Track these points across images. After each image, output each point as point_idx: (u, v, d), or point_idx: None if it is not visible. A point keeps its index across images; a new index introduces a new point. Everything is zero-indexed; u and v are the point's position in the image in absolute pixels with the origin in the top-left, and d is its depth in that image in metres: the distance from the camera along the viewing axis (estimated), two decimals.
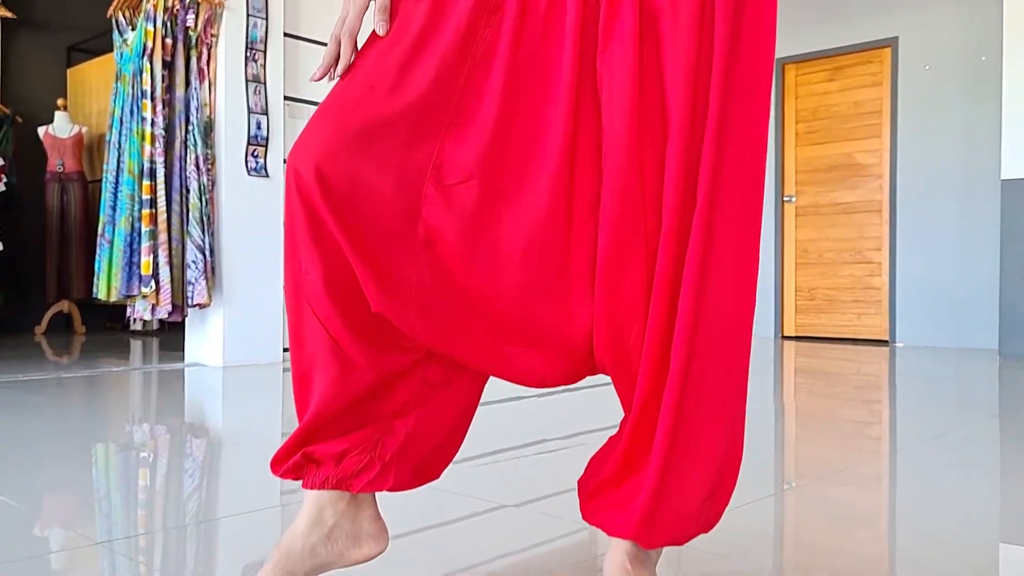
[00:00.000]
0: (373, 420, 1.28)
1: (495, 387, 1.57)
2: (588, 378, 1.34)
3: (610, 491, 1.29)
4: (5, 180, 6.60)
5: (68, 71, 8.22)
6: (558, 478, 2.24)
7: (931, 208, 6.90)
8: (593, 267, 1.23)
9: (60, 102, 7.51)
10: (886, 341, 7.16)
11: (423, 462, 1.32)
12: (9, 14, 7.68)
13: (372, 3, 1.28)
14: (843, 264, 7.38)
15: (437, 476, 1.38)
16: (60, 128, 7.43)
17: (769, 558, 1.62)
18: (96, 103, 7.74)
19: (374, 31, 1.26)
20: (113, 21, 5.04)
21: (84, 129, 7.56)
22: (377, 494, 1.32)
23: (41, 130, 7.43)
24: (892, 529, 1.82)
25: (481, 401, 1.38)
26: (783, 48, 7.62)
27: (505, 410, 3.26)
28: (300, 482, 1.28)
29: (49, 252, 7.43)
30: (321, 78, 1.26)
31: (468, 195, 1.21)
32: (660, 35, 1.19)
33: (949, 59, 6.82)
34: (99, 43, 7.82)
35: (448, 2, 1.24)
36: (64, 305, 7.50)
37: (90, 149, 7.73)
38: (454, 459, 1.39)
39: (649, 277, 1.20)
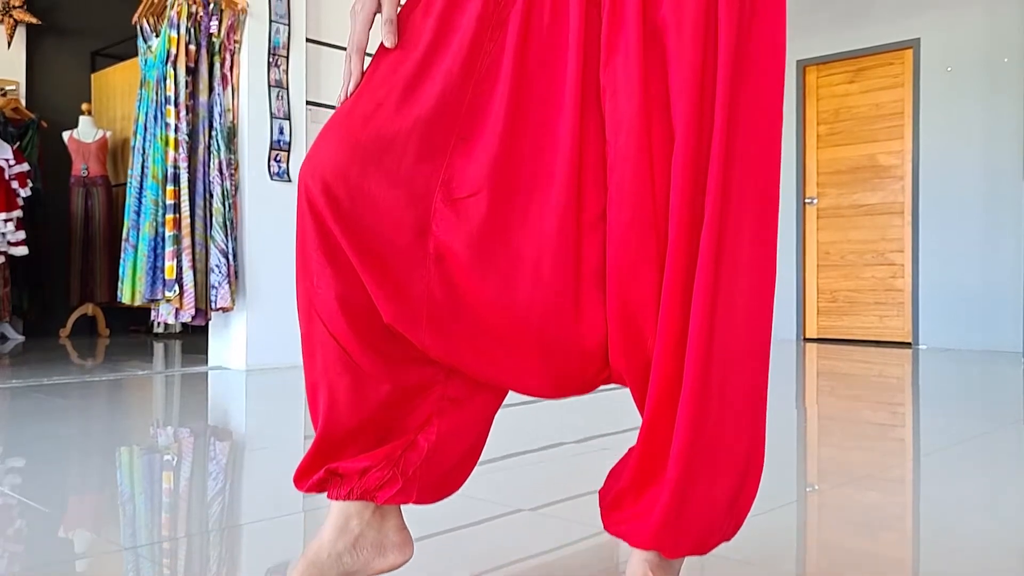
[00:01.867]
0: (397, 435, 1.29)
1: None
2: None
3: (629, 501, 1.29)
4: (31, 185, 6.66)
5: (92, 76, 8.29)
6: (574, 482, 2.25)
7: (954, 210, 6.87)
8: (602, 277, 1.24)
9: (84, 107, 7.59)
10: (909, 343, 7.12)
11: (445, 475, 1.34)
12: (34, 20, 7.77)
13: (379, 15, 1.29)
14: (865, 266, 7.35)
15: (457, 489, 1.40)
16: (84, 133, 7.51)
17: (792, 564, 1.62)
18: (120, 108, 7.82)
19: (382, 43, 1.27)
20: (137, 28, 5.09)
21: (108, 133, 7.64)
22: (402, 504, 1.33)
23: (66, 135, 7.51)
24: (916, 535, 1.82)
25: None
26: (804, 50, 7.60)
27: (521, 413, 3.27)
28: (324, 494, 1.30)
29: (73, 255, 7.51)
30: (347, 98, 1.28)
31: (477, 209, 1.22)
32: (665, 49, 1.19)
33: (971, 61, 6.78)
34: (123, 48, 7.90)
35: (454, 17, 1.26)
36: (88, 308, 7.57)
37: (114, 153, 7.80)
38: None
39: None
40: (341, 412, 1.26)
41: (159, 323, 4.82)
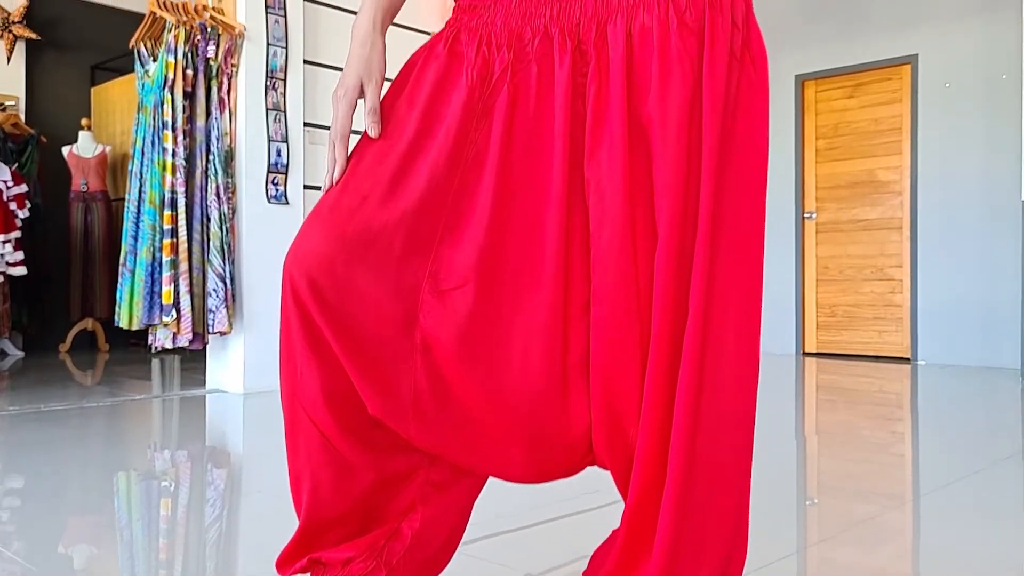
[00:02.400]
0: (380, 522, 1.29)
1: None
2: None
3: None
4: (29, 205, 6.66)
5: (92, 90, 8.29)
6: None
7: (952, 225, 6.86)
8: (586, 366, 1.25)
9: (84, 122, 7.59)
10: (908, 359, 7.12)
11: (428, 561, 1.34)
12: (33, 35, 7.77)
13: (362, 101, 1.29)
14: (864, 281, 7.35)
15: (440, 572, 1.40)
16: (84, 148, 7.52)
17: None
18: (120, 122, 7.82)
19: (366, 131, 1.27)
20: (135, 52, 5.08)
21: (107, 148, 7.64)
22: None
23: (65, 150, 7.52)
24: (916, 554, 1.81)
25: None
26: (802, 64, 7.59)
27: None
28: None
29: (73, 270, 7.51)
30: (331, 187, 1.27)
31: (464, 300, 1.22)
32: (650, 143, 1.20)
33: (969, 77, 6.78)
34: (123, 62, 7.89)
35: (439, 106, 1.26)
36: (88, 323, 7.57)
37: (113, 168, 7.80)
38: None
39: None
40: (325, 502, 1.26)
41: (157, 347, 4.81)
